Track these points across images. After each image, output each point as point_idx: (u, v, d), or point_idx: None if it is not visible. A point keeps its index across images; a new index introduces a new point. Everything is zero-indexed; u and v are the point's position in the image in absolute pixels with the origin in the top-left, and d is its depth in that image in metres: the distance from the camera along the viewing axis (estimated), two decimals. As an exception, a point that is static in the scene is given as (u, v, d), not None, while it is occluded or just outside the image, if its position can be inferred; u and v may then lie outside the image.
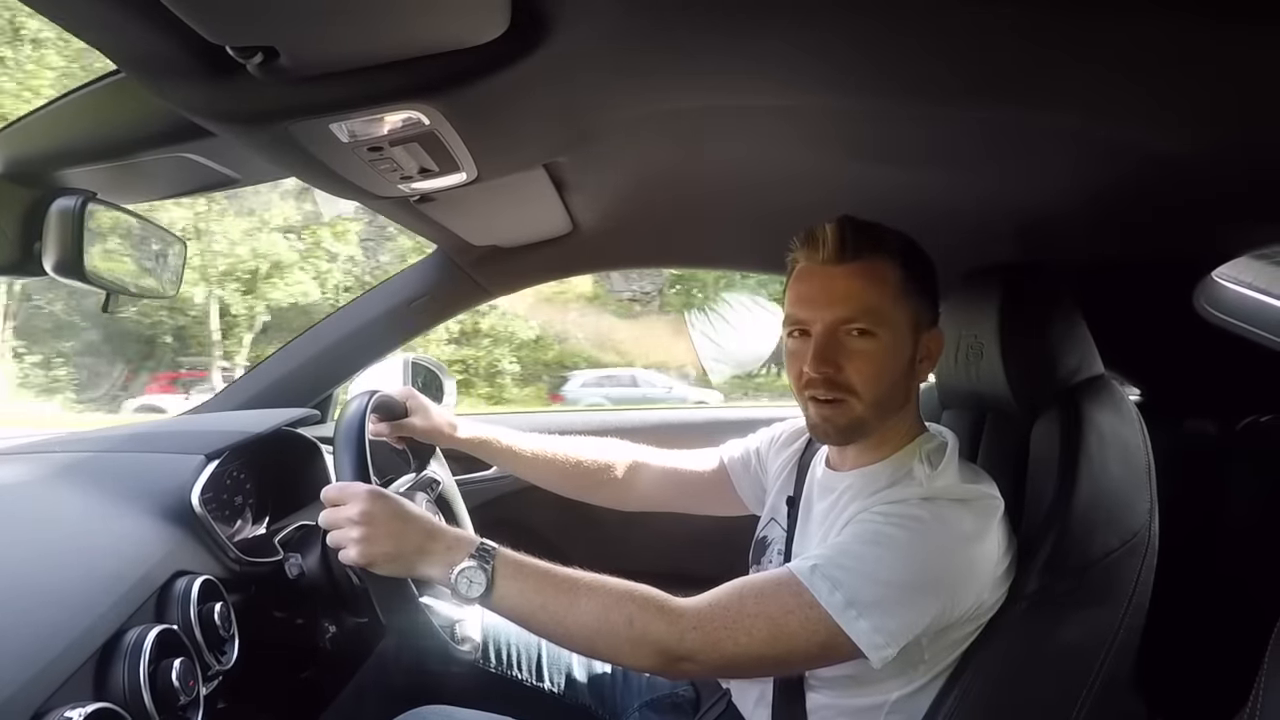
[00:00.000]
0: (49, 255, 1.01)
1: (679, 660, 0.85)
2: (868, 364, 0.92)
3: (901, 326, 0.93)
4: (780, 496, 1.15)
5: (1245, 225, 1.11)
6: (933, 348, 0.98)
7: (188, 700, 0.80)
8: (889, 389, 0.94)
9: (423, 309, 1.63)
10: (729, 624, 0.85)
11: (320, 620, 1.19)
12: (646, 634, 0.85)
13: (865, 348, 0.92)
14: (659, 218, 1.42)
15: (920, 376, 1.00)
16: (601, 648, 0.88)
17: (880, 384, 0.93)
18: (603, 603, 0.87)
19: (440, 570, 0.88)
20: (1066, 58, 0.71)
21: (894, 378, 0.94)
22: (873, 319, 0.91)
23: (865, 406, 0.93)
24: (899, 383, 0.95)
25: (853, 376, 0.92)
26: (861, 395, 0.93)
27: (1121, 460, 0.98)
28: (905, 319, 0.94)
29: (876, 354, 0.92)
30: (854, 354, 0.92)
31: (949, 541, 0.86)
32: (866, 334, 0.91)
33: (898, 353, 0.94)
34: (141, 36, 0.61)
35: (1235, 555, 1.49)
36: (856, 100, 0.88)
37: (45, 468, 1.08)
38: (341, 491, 0.93)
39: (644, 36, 0.72)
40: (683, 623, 0.85)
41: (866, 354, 0.92)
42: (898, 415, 0.98)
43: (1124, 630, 0.94)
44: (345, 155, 0.84)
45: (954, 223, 1.18)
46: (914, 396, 1.01)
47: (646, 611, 0.86)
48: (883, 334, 0.92)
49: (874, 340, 0.92)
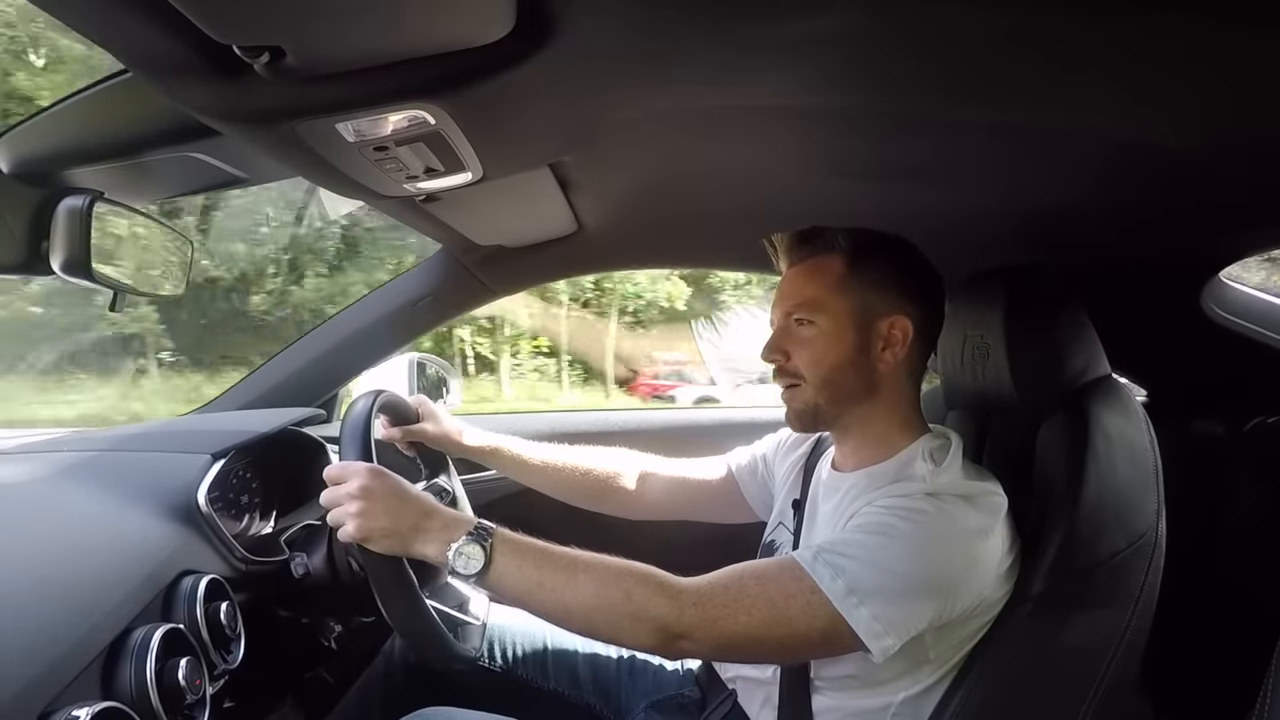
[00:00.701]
0: (56, 254, 1.01)
1: (677, 638, 0.85)
2: (808, 349, 1.00)
3: (841, 314, 0.99)
4: (787, 500, 1.15)
5: (1253, 227, 1.10)
6: (895, 334, 0.99)
7: (194, 699, 0.80)
8: (835, 372, 0.99)
9: (428, 308, 1.63)
10: (729, 602, 0.85)
11: (326, 619, 1.19)
12: (646, 609, 0.85)
13: (806, 334, 1.00)
14: (664, 218, 1.42)
15: (891, 364, 1.00)
16: (600, 624, 0.87)
17: (821, 367, 0.99)
18: (601, 578, 0.87)
19: (436, 548, 0.89)
20: (1071, 59, 0.71)
21: (837, 361, 0.99)
22: (810, 309, 1.00)
23: (814, 390, 1.00)
24: (850, 368, 0.99)
25: (798, 363, 1.00)
26: (808, 379, 1.00)
27: (1128, 461, 0.97)
28: (847, 306, 0.99)
29: (816, 340, 0.99)
30: (798, 342, 1.01)
31: (952, 535, 0.86)
32: (806, 323, 1.00)
33: (839, 338, 0.99)
34: (149, 36, 0.61)
35: (1243, 557, 1.48)
36: (862, 101, 0.88)
37: (52, 467, 1.08)
38: (342, 469, 0.94)
39: (649, 36, 0.72)
40: (682, 599, 0.85)
41: (807, 340, 1.00)
42: (875, 407, 1.00)
43: (1131, 632, 0.94)
44: (351, 155, 0.84)
45: (960, 224, 1.18)
46: (896, 389, 1.01)
47: (646, 586, 0.86)
48: (820, 321, 0.99)
49: (813, 328, 1.00)
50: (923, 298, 1.02)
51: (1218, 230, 1.13)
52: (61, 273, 1.02)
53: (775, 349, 1.02)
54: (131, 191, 1.10)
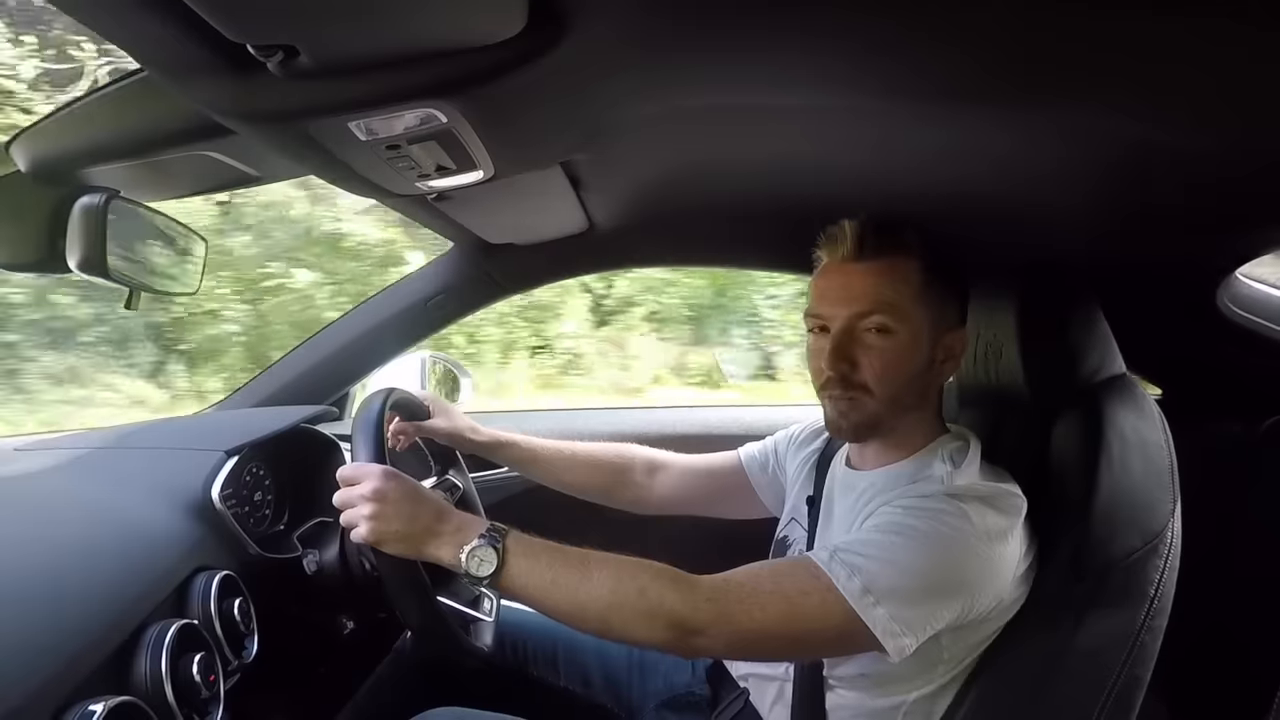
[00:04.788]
0: (73, 252, 1.02)
1: (692, 634, 0.84)
2: (883, 361, 0.93)
3: (920, 325, 0.94)
4: (800, 496, 1.14)
5: (1270, 225, 1.09)
6: (955, 348, 0.98)
7: (208, 695, 0.81)
8: (904, 387, 0.94)
9: (438, 306, 1.64)
10: (744, 599, 0.84)
11: (338, 616, 1.19)
12: (661, 605, 0.84)
13: (882, 345, 0.92)
14: (675, 216, 1.42)
15: (942, 376, 0.99)
16: (615, 622, 0.86)
17: (895, 382, 0.94)
18: (615, 575, 0.86)
19: (450, 551, 0.88)
20: (1088, 54, 0.70)
21: (910, 376, 0.94)
22: (891, 316, 0.92)
23: (880, 404, 0.94)
24: (916, 381, 0.95)
25: (867, 374, 0.93)
26: (876, 393, 0.93)
27: (1143, 460, 0.97)
28: (925, 318, 0.94)
29: (893, 352, 0.93)
30: (870, 351, 0.93)
31: (971, 537, 0.85)
32: (884, 331, 0.92)
33: (915, 351, 0.94)
34: (164, 36, 0.61)
35: (1258, 556, 1.47)
36: (878, 99, 0.88)
37: (67, 464, 1.09)
38: (356, 470, 0.93)
39: (662, 34, 0.72)
40: (697, 595, 0.84)
41: (882, 351, 0.93)
42: (917, 413, 0.98)
43: (1146, 632, 0.93)
44: (364, 153, 0.84)
45: (974, 221, 1.17)
46: (935, 396, 1.01)
47: (660, 582, 0.85)
48: (901, 332, 0.92)
49: (892, 338, 0.92)
50: (965, 306, 1.01)
51: (1234, 228, 1.12)
52: (78, 270, 1.03)
53: (844, 357, 0.93)
54: (147, 190, 1.11)
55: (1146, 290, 1.34)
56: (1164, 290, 1.36)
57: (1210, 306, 1.34)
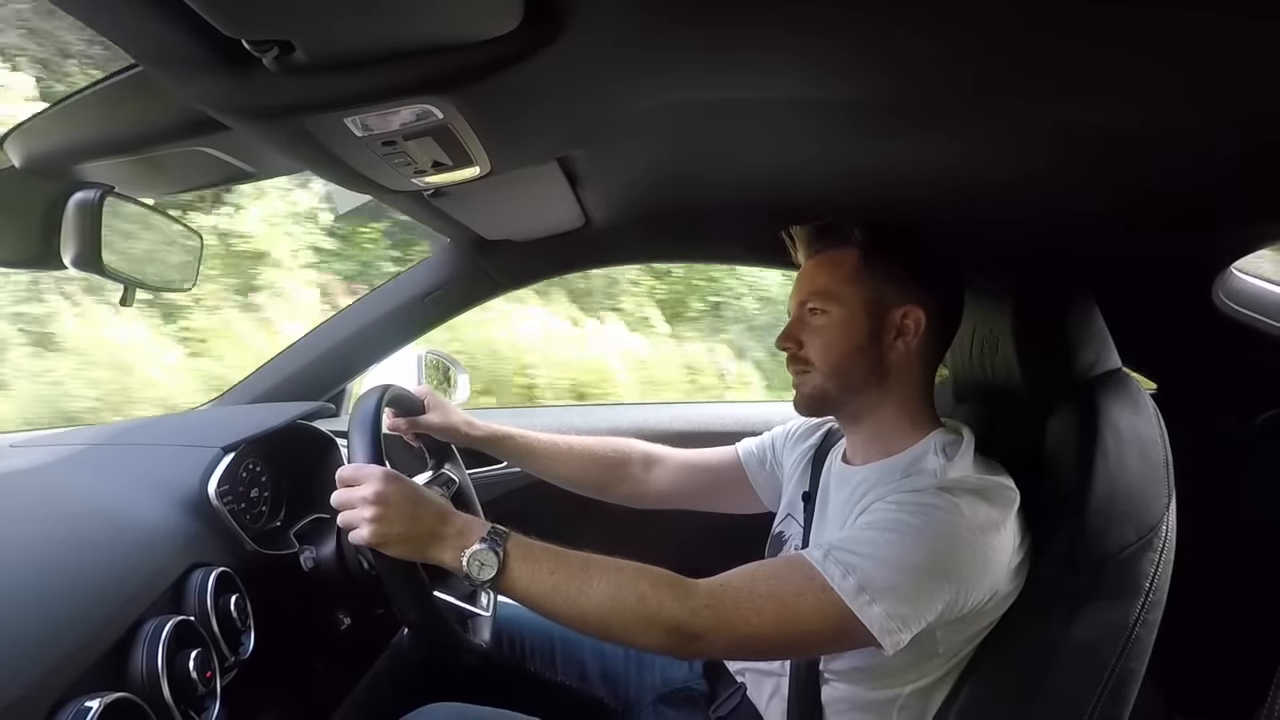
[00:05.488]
0: (68, 248, 1.02)
1: (691, 639, 0.85)
2: (822, 339, 1.02)
3: (856, 304, 1.01)
4: (796, 492, 1.15)
5: (1266, 219, 1.09)
6: (909, 324, 1.00)
7: (205, 690, 0.81)
8: (844, 359, 1.01)
9: (435, 303, 1.63)
10: (741, 603, 0.85)
11: (335, 612, 1.19)
12: (660, 611, 0.84)
13: (819, 323, 1.03)
14: (672, 212, 1.42)
15: (901, 351, 1.01)
16: (615, 627, 0.87)
17: (831, 354, 1.01)
18: (615, 581, 0.87)
19: (451, 554, 0.88)
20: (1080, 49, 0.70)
21: (850, 349, 1.01)
22: (823, 299, 1.03)
23: (824, 377, 1.02)
24: (861, 355, 1.01)
25: (810, 350, 1.03)
26: (818, 365, 1.02)
27: (1138, 455, 0.97)
28: (861, 297, 1.01)
29: (829, 328, 1.02)
30: (809, 329, 1.04)
31: (964, 529, 0.86)
32: (820, 312, 1.03)
33: (850, 327, 1.01)
34: (158, 31, 0.61)
35: (1254, 550, 1.48)
36: (872, 95, 0.88)
37: (64, 461, 1.09)
38: (356, 472, 0.93)
39: (659, 29, 0.72)
40: (695, 600, 0.85)
41: (819, 329, 1.03)
42: (879, 393, 1.02)
43: (1141, 625, 0.94)
44: (359, 149, 0.84)
45: (970, 217, 1.17)
46: (908, 380, 1.02)
47: (659, 589, 0.86)
48: (834, 311, 1.02)
49: (826, 317, 1.02)
50: (937, 289, 1.02)
51: (1230, 223, 1.12)
52: (73, 267, 1.02)
53: (789, 337, 1.05)
54: (142, 186, 1.10)
55: (1142, 285, 1.34)
56: (1160, 285, 1.36)
57: (1206, 301, 1.35)
